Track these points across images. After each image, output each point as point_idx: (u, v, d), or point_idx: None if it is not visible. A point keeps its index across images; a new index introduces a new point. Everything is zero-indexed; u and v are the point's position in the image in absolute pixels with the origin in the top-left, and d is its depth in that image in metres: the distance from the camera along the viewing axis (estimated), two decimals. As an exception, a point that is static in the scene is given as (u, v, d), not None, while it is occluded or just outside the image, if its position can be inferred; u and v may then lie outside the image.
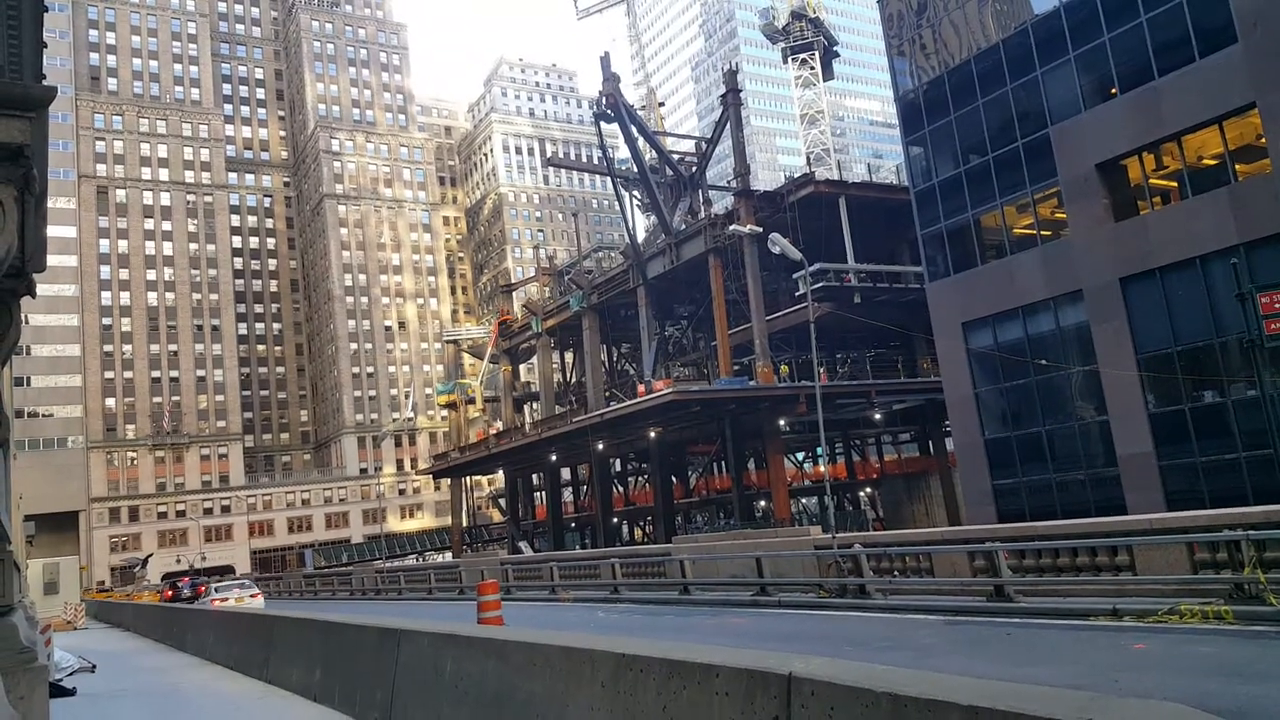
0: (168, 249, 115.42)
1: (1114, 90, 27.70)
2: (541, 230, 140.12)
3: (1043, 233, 30.31)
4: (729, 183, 55.20)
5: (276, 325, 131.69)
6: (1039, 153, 29.31)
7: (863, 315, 43.92)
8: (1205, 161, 26.29)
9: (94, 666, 16.44)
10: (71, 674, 15.22)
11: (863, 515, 59.33)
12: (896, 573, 17.49)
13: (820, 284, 42.09)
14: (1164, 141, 26.58)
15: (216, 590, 38.09)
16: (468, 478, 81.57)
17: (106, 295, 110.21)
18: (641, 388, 50.60)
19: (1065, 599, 13.56)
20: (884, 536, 23.00)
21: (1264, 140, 24.05)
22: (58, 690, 12.56)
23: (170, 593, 57.65)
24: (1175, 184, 27.15)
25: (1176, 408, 25.87)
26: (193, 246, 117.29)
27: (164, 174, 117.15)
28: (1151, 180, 27.55)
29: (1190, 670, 8.87)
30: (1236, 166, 25.31)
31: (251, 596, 34.33)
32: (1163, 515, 17.28)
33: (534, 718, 6.02)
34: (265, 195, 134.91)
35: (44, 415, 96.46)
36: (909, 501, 56.97)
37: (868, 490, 65.05)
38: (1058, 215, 29.95)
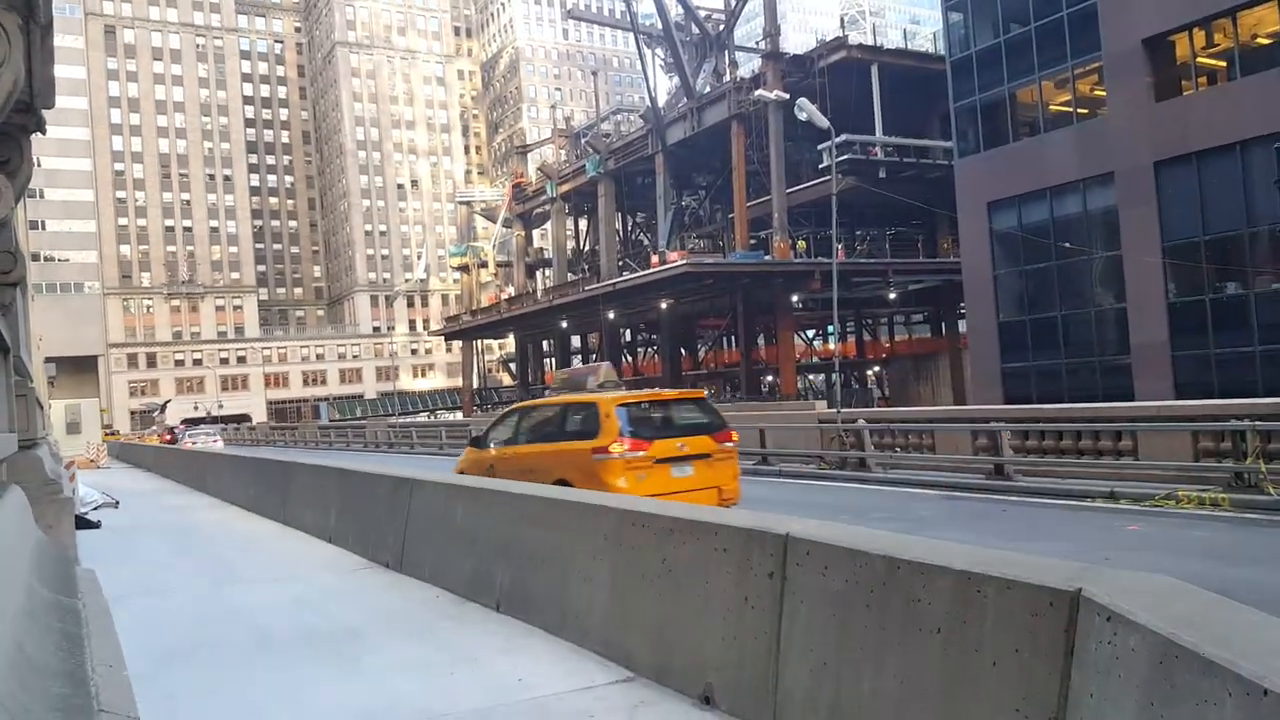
0: (178, 94, 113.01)
1: (1169, -40, 26.09)
2: (559, 89, 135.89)
3: (1079, 111, 29.22)
4: (757, 44, 53.04)
5: (289, 178, 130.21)
6: (1084, 24, 27.90)
7: (887, 191, 42.98)
8: (1259, 40, 25.02)
9: (117, 502, 17.07)
10: (96, 508, 15.83)
11: (869, 394, 59.93)
12: (898, 449, 17.76)
13: (845, 156, 41.00)
14: (1218, 17, 25.23)
15: (189, 435, 56.29)
16: (479, 341, 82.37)
17: (118, 140, 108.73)
18: (655, 258, 50.26)
19: (1064, 480, 13.78)
20: (888, 412, 23.28)
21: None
22: (83, 523, 13.09)
23: (169, 436, 61.99)
24: (1224, 64, 25.94)
25: (1197, 298, 25.58)
26: (203, 93, 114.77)
27: (172, 14, 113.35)
28: (1199, 59, 26.32)
29: (1181, 552, 9.08)
30: (1291, 46, 24.08)
31: (213, 441, 50.65)
32: (1171, 403, 17.35)
33: (540, 563, 6.25)
34: (276, 41, 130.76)
35: (60, 260, 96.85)
36: (916, 382, 57.38)
37: (876, 369, 65.43)
38: (1097, 93, 28.81)
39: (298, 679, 5.30)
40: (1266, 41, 24.74)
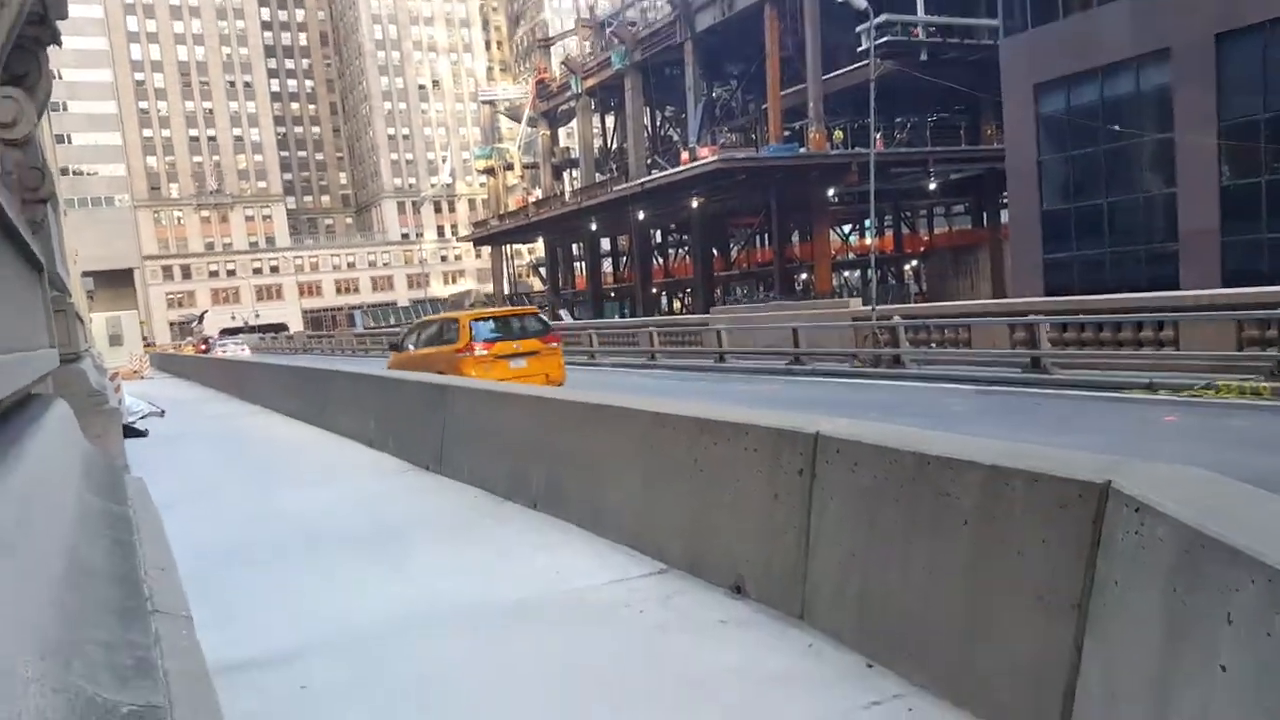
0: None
1: None
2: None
3: (1134, -17, 27.62)
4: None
5: (309, 82, 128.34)
6: (1136, -113, 26.12)
7: (929, 75, 41.27)
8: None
9: (163, 411, 17.58)
10: (143, 418, 16.32)
11: (906, 289, 59.16)
12: (934, 344, 17.65)
13: (885, 38, 39.24)
14: None
15: (219, 345, 60.27)
16: (508, 246, 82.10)
17: (136, 49, 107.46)
18: (685, 155, 49.21)
19: (1102, 372, 13.65)
20: (923, 308, 23.02)
21: None
22: (131, 432, 13.51)
23: (204, 346, 63.79)
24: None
25: (1253, 180, 24.61)
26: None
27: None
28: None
29: (1217, 441, 9.03)
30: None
31: (241, 350, 54.30)
32: (1216, 291, 16.97)
33: (573, 466, 6.40)
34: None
35: (88, 174, 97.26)
36: (955, 276, 56.48)
37: (913, 264, 64.41)
38: (1157, -41, 27.13)
39: (345, 577, 5.52)
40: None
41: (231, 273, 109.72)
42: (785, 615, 4.14)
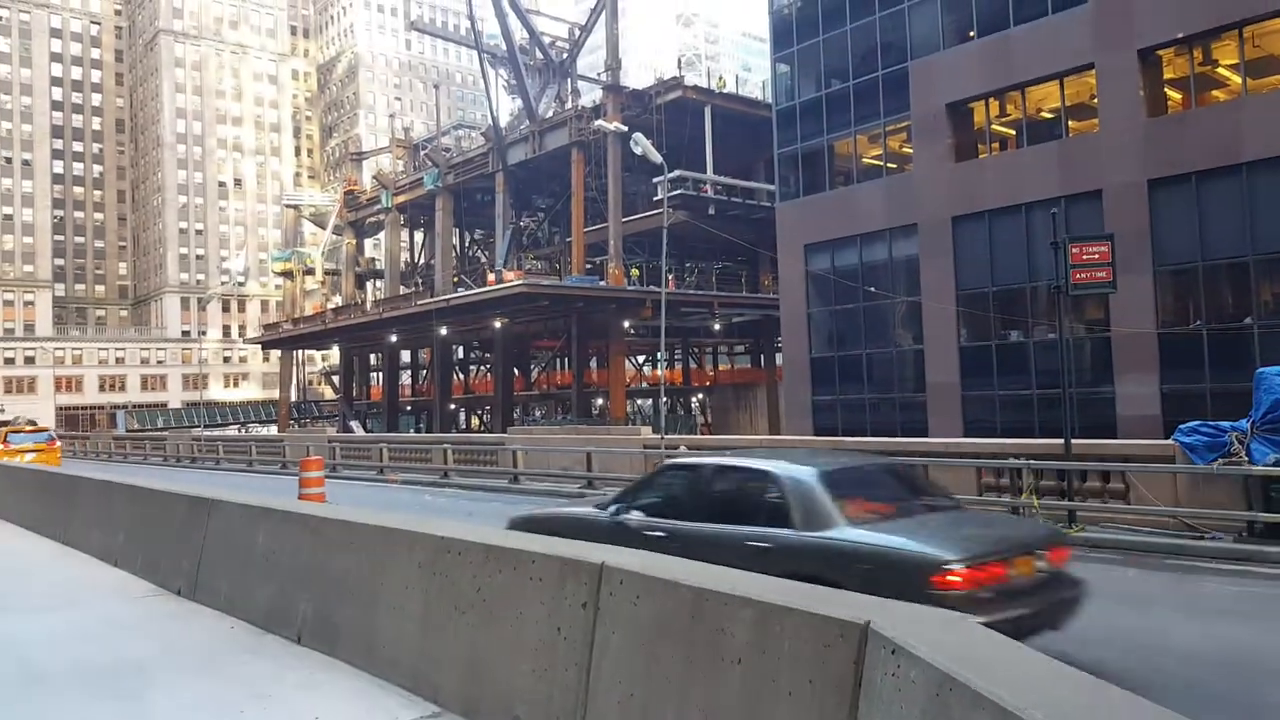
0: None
1: (972, 33, 28.76)
2: (399, 99, 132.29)
3: (889, 165, 31.53)
4: (599, 75, 53.82)
5: (98, 167, 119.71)
6: (897, 86, 30.21)
7: (715, 227, 44.59)
8: (1043, 114, 27.88)
9: None
10: None
11: (693, 420, 61.65)
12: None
13: (678, 191, 42.29)
14: (1009, 90, 27.93)
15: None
16: (300, 351, 78.45)
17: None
18: (492, 277, 49.77)
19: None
20: (707, 440, 24.01)
21: (1096, 100, 25.73)
22: None
23: None
24: (1014, 132, 28.72)
25: (984, 343, 28.00)
26: (4, 68, 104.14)
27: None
28: (994, 125, 29.01)
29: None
30: (1070, 122, 26.99)
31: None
32: (959, 440, 18.92)
33: (346, 594, 6.00)
34: (93, 21, 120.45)
35: None
36: (737, 410, 59.63)
37: (700, 397, 67.40)
38: (905, 149, 31.18)
39: None
40: (1049, 116, 27.65)
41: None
42: (562, 760, 4.03)
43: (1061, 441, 13.00)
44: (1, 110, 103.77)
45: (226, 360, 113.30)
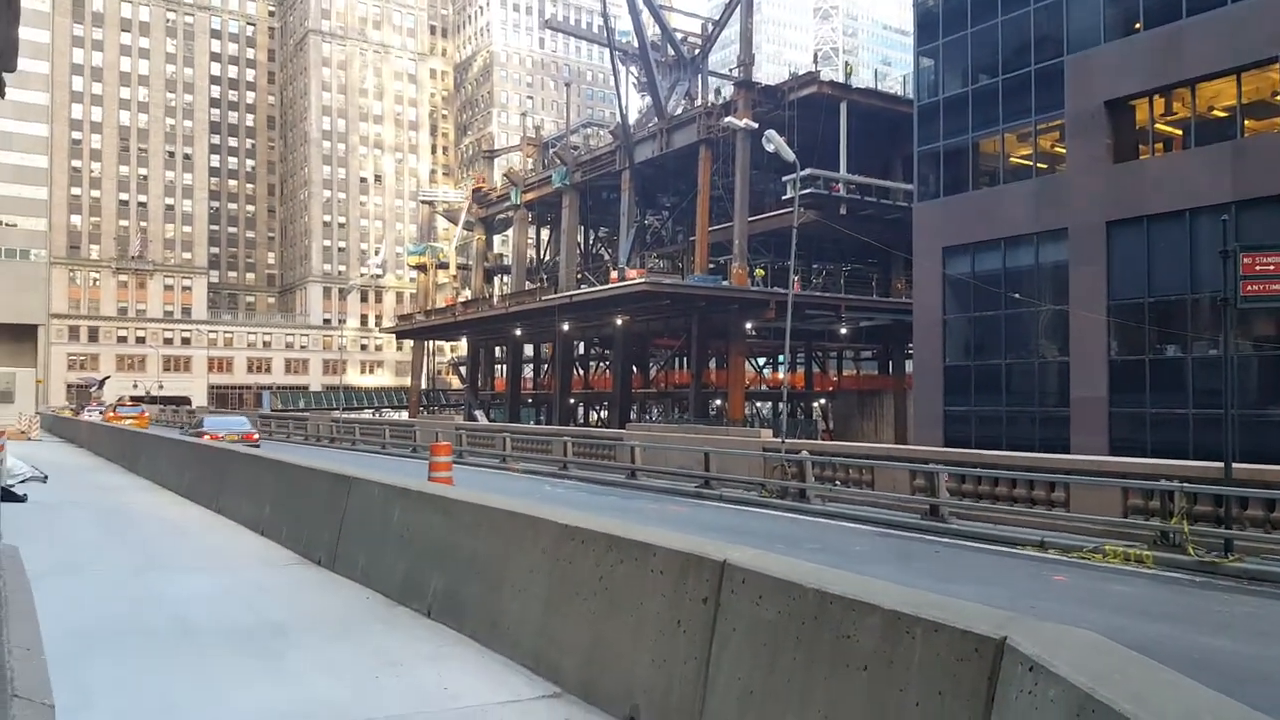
0: (143, 67, 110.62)
1: (1138, 25, 27.01)
2: (531, 97, 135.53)
3: (1039, 165, 30.04)
4: (731, 71, 53.65)
5: (250, 162, 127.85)
6: (1050, 82, 28.74)
7: (847, 228, 43.63)
8: (1215, 112, 25.97)
9: (46, 477, 16.54)
10: (23, 481, 15.32)
11: (814, 425, 60.48)
12: (838, 482, 17.97)
13: (809, 190, 41.56)
14: (1178, 86, 26.12)
15: (88, 411, 55.08)
16: (430, 341, 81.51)
17: (78, 108, 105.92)
18: (615, 274, 50.32)
19: (996, 525, 14.07)
20: (831, 446, 23.50)
21: (1279, 97, 23.75)
22: (9, 495, 12.67)
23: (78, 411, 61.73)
24: (1180, 132, 26.88)
25: (1137, 357, 26.35)
26: (169, 68, 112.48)
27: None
28: (1157, 125, 27.24)
29: (1104, 605, 9.33)
30: (1246, 121, 24.99)
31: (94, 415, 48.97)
32: (1105, 458, 17.84)
33: (474, 573, 6.20)
34: (248, 23, 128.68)
35: (7, 224, 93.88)
36: (860, 417, 58.15)
37: (821, 402, 66.15)
38: (1057, 149, 29.65)
39: (218, 674, 5.19)
40: (1221, 114, 25.70)
41: (141, 340, 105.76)
42: (679, 751, 4.03)
43: (1220, 465, 12.05)
44: (168, 108, 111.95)
45: (363, 348, 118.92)
